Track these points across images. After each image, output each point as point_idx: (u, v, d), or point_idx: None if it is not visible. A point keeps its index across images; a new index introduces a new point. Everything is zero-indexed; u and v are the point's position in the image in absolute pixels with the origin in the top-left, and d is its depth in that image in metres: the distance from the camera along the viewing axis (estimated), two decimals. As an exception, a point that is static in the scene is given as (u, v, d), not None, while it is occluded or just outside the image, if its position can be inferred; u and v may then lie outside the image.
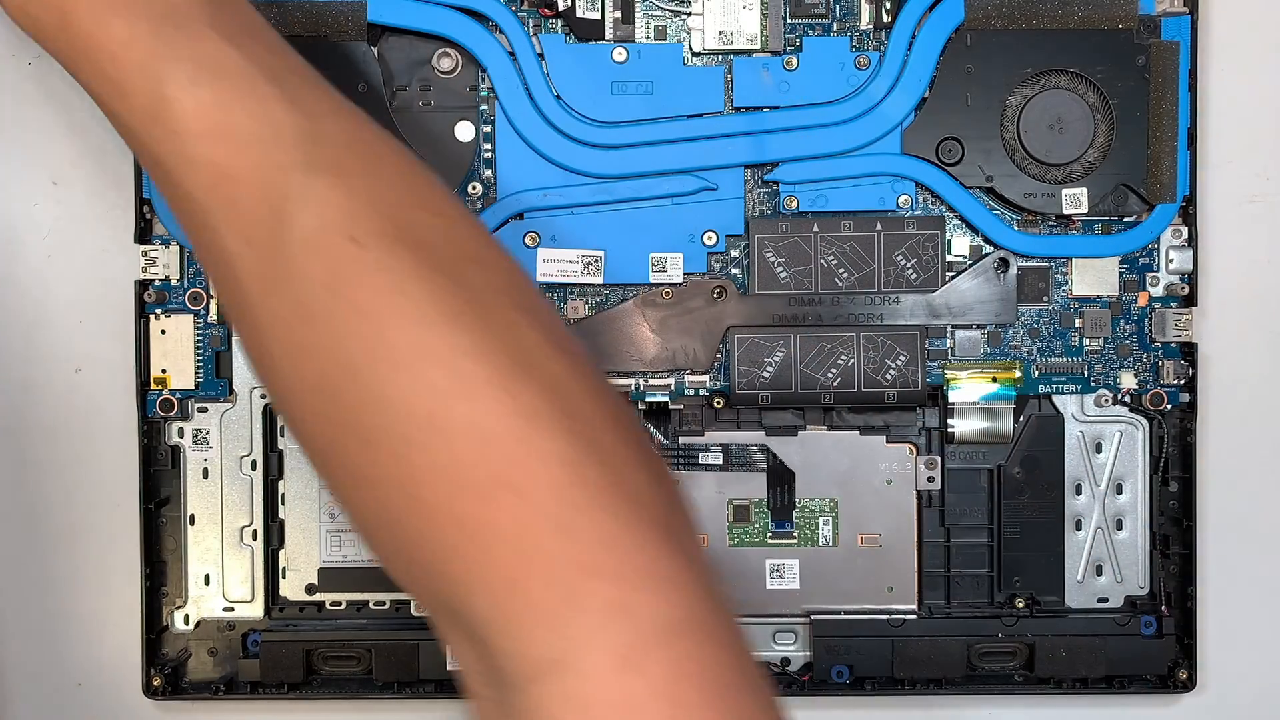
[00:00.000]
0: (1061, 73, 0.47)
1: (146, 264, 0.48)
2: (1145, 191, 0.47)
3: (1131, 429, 0.49)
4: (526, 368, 0.31)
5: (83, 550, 0.50)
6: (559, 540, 0.30)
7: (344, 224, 0.32)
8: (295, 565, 0.49)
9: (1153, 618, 0.49)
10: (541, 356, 0.32)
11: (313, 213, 0.32)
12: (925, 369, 0.48)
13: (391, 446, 0.31)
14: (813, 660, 0.49)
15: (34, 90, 0.49)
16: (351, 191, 0.33)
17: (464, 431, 0.30)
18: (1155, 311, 0.49)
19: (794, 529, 0.49)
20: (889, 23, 0.48)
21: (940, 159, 0.48)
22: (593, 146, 0.47)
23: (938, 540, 0.49)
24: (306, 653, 0.49)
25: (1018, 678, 0.49)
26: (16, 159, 0.49)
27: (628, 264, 0.48)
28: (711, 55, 0.48)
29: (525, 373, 0.31)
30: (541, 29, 0.48)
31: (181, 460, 0.49)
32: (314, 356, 0.32)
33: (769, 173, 0.48)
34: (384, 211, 0.33)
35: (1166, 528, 0.49)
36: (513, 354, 0.31)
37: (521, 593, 0.30)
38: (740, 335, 0.48)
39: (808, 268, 0.48)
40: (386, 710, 0.50)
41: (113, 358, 0.50)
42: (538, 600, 0.30)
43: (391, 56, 0.48)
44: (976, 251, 0.48)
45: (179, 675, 0.49)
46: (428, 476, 0.31)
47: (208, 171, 0.33)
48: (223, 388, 0.49)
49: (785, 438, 0.49)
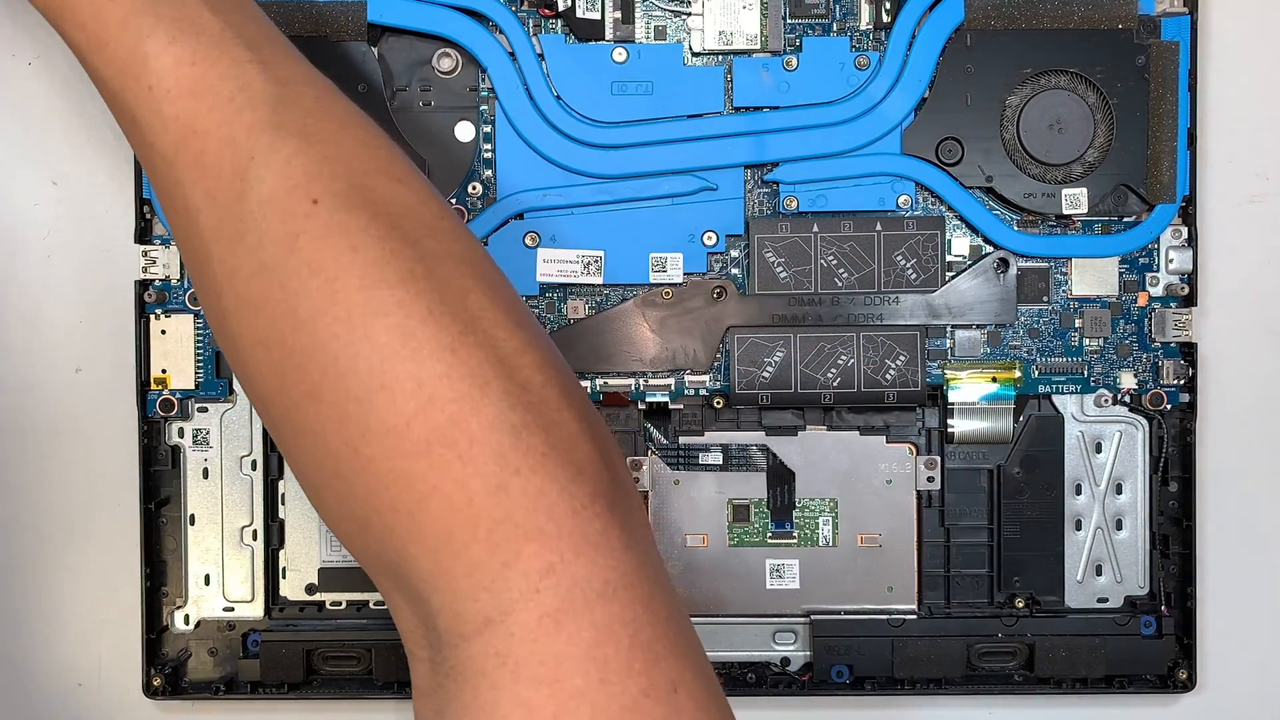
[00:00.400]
0: (1061, 73, 0.47)
1: (146, 264, 0.48)
2: (1145, 191, 0.47)
3: (1131, 429, 0.49)
4: (476, 334, 0.32)
5: (83, 550, 0.50)
6: (496, 501, 0.30)
7: (305, 185, 0.33)
8: (295, 565, 0.49)
9: (1152, 618, 0.49)
10: (491, 324, 0.32)
11: (276, 172, 0.33)
12: (925, 369, 0.48)
13: (336, 401, 0.31)
14: (813, 660, 0.49)
15: (34, 90, 0.49)
16: (316, 155, 0.33)
17: (408, 390, 0.31)
18: (1155, 311, 0.49)
19: (794, 529, 0.49)
20: (889, 23, 0.48)
21: (940, 159, 0.48)
22: (593, 146, 0.47)
23: (938, 540, 0.49)
24: (306, 653, 0.49)
25: (1018, 678, 0.49)
26: (16, 159, 0.50)
27: (628, 264, 0.48)
28: (711, 55, 0.48)
29: (474, 338, 0.32)
30: (541, 29, 0.48)
31: (181, 460, 0.49)
32: (266, 309, 0.32)
33: (769, 173, 0.48)
34: (346, 175, 0.33)
35: (1166, 528, 0.49)
36: (461, 319, 0.32)
37: (457, 551, 0.30)
38: (740, 335, 0.48)
39: (808, 268, 0.48)
40: (386, 710, 0.50)
41: (113, 358, 0.50)
42: (472, 559, 0.30)
43: (391, 56, 0.48)
44: (976, 251, 0.48)
45: (179, 675, 0.49)
46: (370, 433, 0.31)
47: (177, 127, 0.34)
48: (223, 388, 0.49)
49: (785, 438, 0.49)
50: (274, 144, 0.33)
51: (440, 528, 0.31)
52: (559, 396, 0.32)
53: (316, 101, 0.35)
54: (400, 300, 0.31)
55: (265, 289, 0.32)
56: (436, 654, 0.32)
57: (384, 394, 0.31)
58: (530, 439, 0.31)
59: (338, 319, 0.31)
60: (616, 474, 0.33)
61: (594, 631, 0.30)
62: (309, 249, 0.32)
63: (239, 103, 0.34)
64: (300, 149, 0.33)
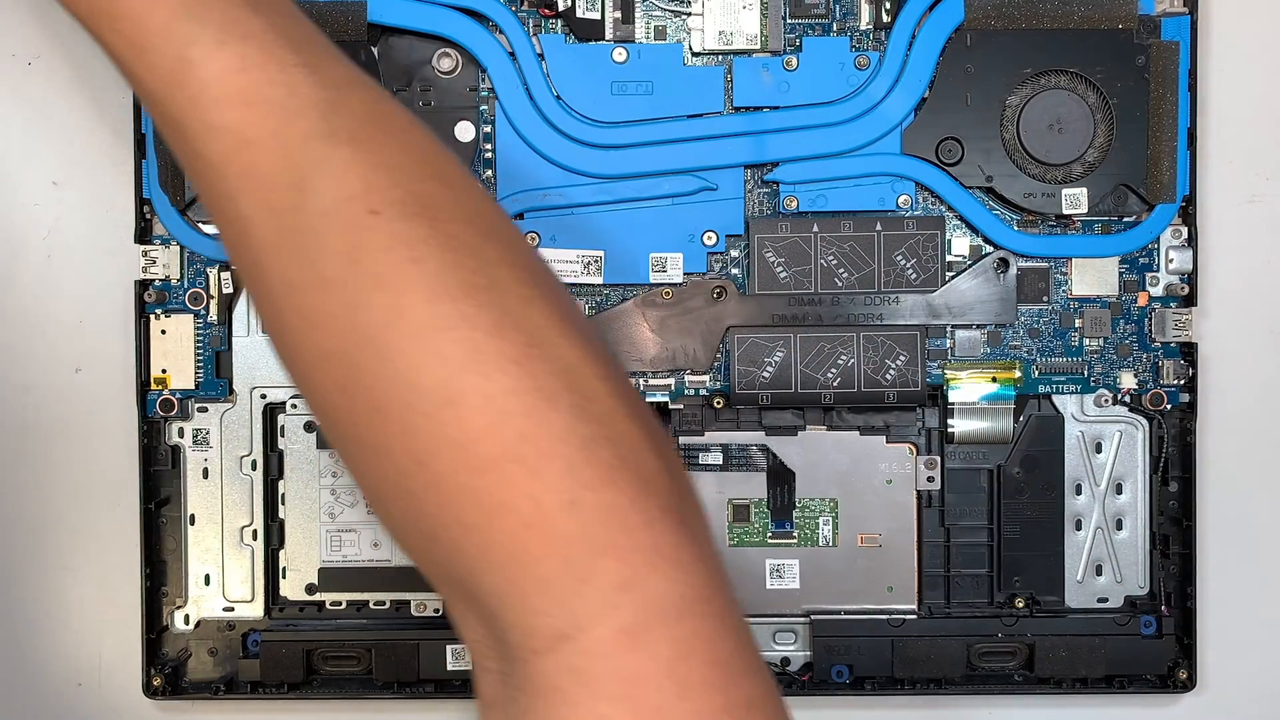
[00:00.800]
0: (1061, 73, 0.47)
1: (146, 264, 0.48)
2: (1145, 191, 0.47)
3: (1131, 429, 0.49)
4: (540, 346, 0.31)
5: (83, 550, 0.50)
6: (569, 517, 0.30)
7: (364, 194, 0.32)
8: (295, 565, 0.49)
9: (1152, 618, 0.49)
10: (554, 335, 0.32)
11: (333, 182, 0.32)
12: (925, 369, 0.48)
13: (403, 417, 0.31)
14: (813, 660, 0.49)
15: (34, 90, 0.49)
16: (371, 163, 0.33)
17: (477, 405, 0.30)
18: (1155, 311, 0.49)
19: (794, 529, 0.49)
20: (889, 23, 0.48)
21: (940, 159, 0.48)
22: (593, 146, 0.47)
23: (938, 540, 0.49)
24: (306, 653, 0.49)
25: (1018, 678, 0.49)
26: (16, 159, 0.50)
27: (628, 264, 0.48)
28: (711, 55, 0.48)
29: (538, 350, 0.31)
30: (541, 29, 0.48)
31: (181, 460, 0.49)
32: (329, 324, 0.32)
33: (769, 173, 0.48)
34: (403, 184, 0.33)
35: (1166, 528, 0.49)
36: (526, 331, 0.31)
37: (529, 566, 0.30)
38: (740, 335, 0.48)
39: (808, 268, 0.48)
40: (386, 710, 0.50)
41: (113, 358, 0.50)
42: (546, 575, 0.30)
43: (391, 56, 0.48)
44: (976, 251, 0.48)
45: (179, 675, 0.49)
46: (439, 448, 0.31)
47: (227, 137, 0.33)
48: (223, 388, 0.49)
49: (785, 438, 0.49)
50: (328, 153, 0.32)
51: (511, 543, 0.30)
52: (622, 408, 0.32)
53: (366, 106, 0.34)
54: (465, 314, 0.31)
55: (326, 303, 0.32)
56: (507, 666, 0.31)
57: (452, 409, 0.30)
58: (600, 452, 0.30)
59: (404, 334, 0.31)
60: (682, 486, 0.33)
61: (672, 647, 0.30)
62: (371, 262, 0.31)
63: (289, 110, 0.33)
64: (354, 157, 0.33)
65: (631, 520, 0.30)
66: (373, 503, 0.34)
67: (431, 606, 0.49)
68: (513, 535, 0.30)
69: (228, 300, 0.49)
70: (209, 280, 0.48)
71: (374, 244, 0.32)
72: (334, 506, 0.49)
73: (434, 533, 0.32)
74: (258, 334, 0.49)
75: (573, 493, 0.30)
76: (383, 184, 0.32)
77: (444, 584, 0.33)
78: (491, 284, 0.32)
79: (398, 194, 0.32)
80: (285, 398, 0.49)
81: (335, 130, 0.33)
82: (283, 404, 0.49)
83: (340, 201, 0.32)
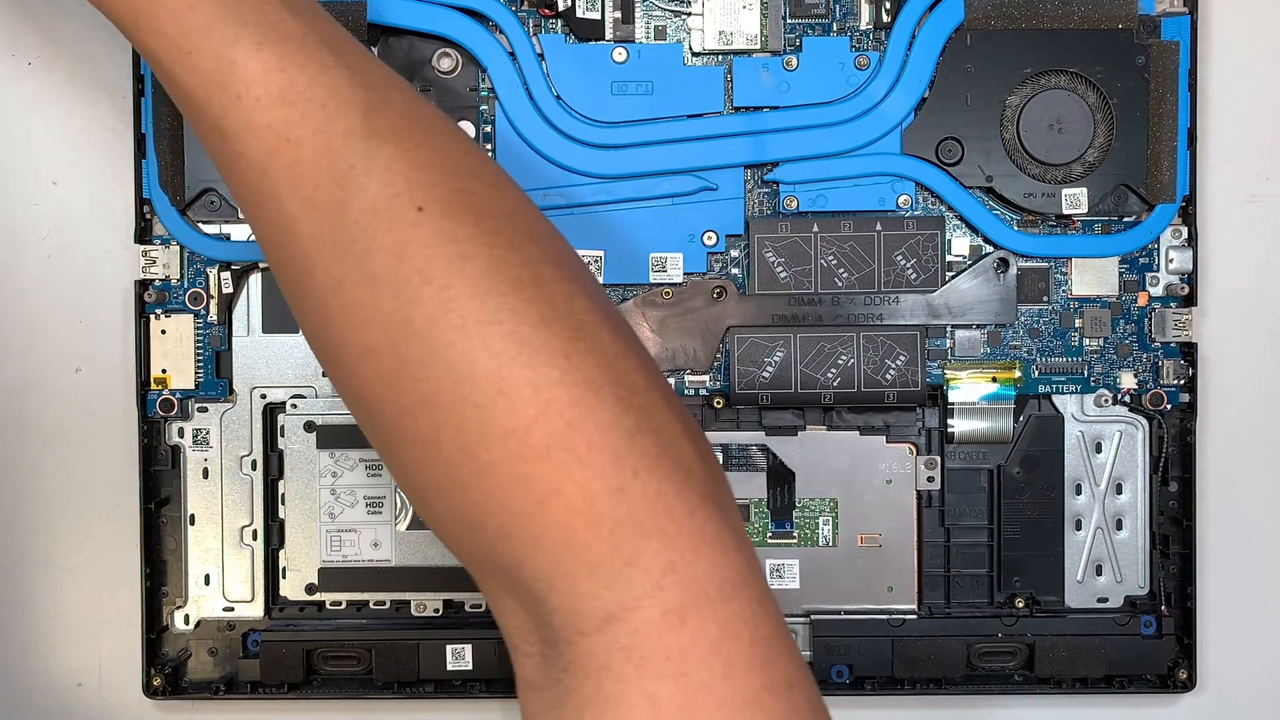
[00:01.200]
0: (1061, 73, 0.47)
1: (146, 264, 0.48)
2: (1145, 191, 0.47)
3: (1131, 429, 0.49)
4: (585, 339, 0.32)
5: (83, 550, 0.50)
6: (616, 503, 0.31)
7: (408, 192, 0.33)
8: (295, 565, 0.49)
9: (1153, 617, 0.49)
10: (596, 328, 0.33)
11: (378, 179, 0.33)
12: (925, 369, 0.48)
13: (453, 408, 0.32)
14: (813, 660, 0.49)
15: (34, 90, 0.49)
16: (415, 161, 0.33)
17: (526, 396, 0.31)
18: (1155, 311, 0.49)
19: (794, 529, 0.49)
20: (889, 23, 0.48)
21: (940, 159, 0.48)
22: (593, 146, 0.47)
23: (938, 540, 0.49)
24: (306, 653, 0.49)
25: (1018, 678, 0.49)
26: (16, 159, 0.50)
27: (628, 264, 0.48)
28: (711, 55, 0.48)
29: (583, 343, 0.32)
30: (541, 29, 0.48)
31: (181, 460, 0.49)
32: (376, 318, 0.32)
33: (769, 173, 0.48)
34: (446, 181, 0.33)
35: (1166, 528, 0.49)
36: (570, 325, 0.32)
37: (578, 551, 0.31)
38: (740, 335, 0.48)
39: (808, 268, 0.48)
40: (386, 710, 0.50)
41: (113, 358, 0.50)
42: (594, 558, 0.31)
43: (391, 56, 0.48)
44: (976, 251, 0.48)
45: (179, 675, 0.49)
46: (489, 438, 0.31)
47: (269, 135, 0.33)
48: (223, 388, 0.49)
49: (785, 438, 0.49)
50: (371, 151, 0.33)
51: (561, 529, 0.31)
52: (661, 399, 0.33)
53: (405, 106, 0.35)
54: (513, 308, 0.32)
55: (374, 297, 0.32)
56: (550, 649, 0.32)
57: (503, 400, 0.31)
58: (643, 441, 0.32)
59: (453, 327, 0.32)
60: (718, 476, 0.34)
61: (718, 628, 0.31)
62: (419, 258, 0.32)
63: (331, 109, 0.33)
64: (398, 155, 0.33)
65: (675, 507, 0.31)
66: (412, 493, 0.35)
67: (431, 607, 0.49)
68: (561, 521, 0.31)
69: (227, 300, 0.49)
70: (209, 280, 0.48)
71: (421, 240, 0.32)
72: (334, 506, 0.49)
73: (479, 521, 0.32)
74: (258, 334, 0.49)
75: (620, 480, 0.31)
76: (427, 181, 0.33)
77: (484, 570, 0.34)
78: (535, 279, 0.32)
79: (442, 191, 0.33)
80: (285, 398, 0.49)
81: (378, 129, 0.33)
82: (283, 404, 0.49)
83: (386, 199, 0.33)
